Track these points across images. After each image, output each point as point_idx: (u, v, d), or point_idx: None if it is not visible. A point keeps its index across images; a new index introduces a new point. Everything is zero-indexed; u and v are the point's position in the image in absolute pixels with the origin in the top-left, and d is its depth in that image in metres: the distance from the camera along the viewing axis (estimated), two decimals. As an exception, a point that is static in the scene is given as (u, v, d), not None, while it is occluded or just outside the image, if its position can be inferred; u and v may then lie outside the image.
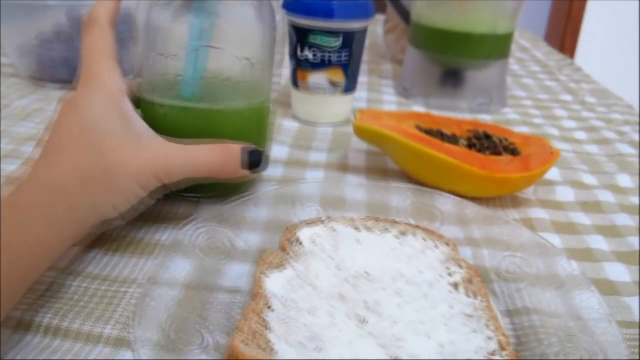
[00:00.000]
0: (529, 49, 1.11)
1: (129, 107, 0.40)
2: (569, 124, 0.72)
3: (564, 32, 2.00)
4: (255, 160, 0.41)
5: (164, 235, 0.43)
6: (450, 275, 0.37)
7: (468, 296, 0.35)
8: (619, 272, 0.42)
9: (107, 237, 0.42)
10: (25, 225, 0.33)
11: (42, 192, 0.35)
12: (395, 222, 0.42)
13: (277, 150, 0.57)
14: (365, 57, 0.95)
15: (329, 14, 0.58)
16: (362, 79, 0.81)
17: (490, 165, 0.48)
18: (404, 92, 0.76)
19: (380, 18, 1.15)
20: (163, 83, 0.43)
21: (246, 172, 0.41)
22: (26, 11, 0.70)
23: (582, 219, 0.49)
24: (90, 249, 0.40)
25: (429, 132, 0.52)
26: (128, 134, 0.39)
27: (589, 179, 0.56)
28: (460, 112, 0.71)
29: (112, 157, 0.37)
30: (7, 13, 0.70)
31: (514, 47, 1.09)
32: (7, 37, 0.73)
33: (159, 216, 0.45)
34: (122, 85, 0.41)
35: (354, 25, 0.59)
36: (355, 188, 0.46)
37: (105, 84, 0.40)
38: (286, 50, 0.64)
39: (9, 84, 0.73)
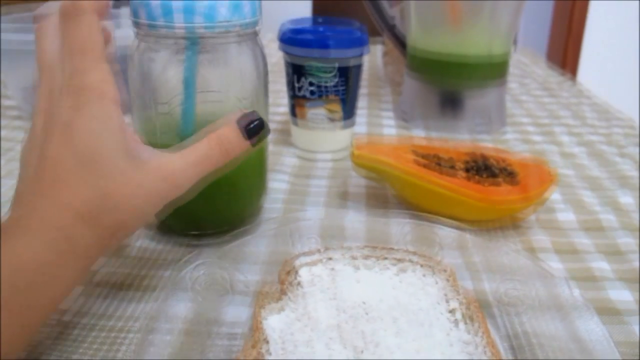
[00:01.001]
0: (529, 67, 1.11)
1: (124, 123, 0.35)
2: (570, 144, 0.72)
3: (565, 47, 2.00)
4: (255, 125, 0.39)
5: (165, 273, 0.43)
6: (447, 302, 0.37)
7: (465, 323, 0.36)
8: (620, 292, 0.42)
9: (108, 275, 0.42)
10: (26, 277, 0.30)
11: (42, 236, 0.31)
12: (392, 250, 0.43)
13: (277, 182, 0.58)
14: (364, 82, 0.96)
15: (324, 47, 0.58)
16: (362, 104, 0.82)
17: (489, 194, 0.48)
18: (404, 117, 0.76)
19: (379, 47, 1.16)
20: (158, 128, 0.44)
21: (251, 143, 0.39)
22: (30, 53, 0.71)
23: (583, 240, 0.49)
24: (90, 284, 0.41)
25: (425, 157, 0.52)
26: (129, 161, 0.34)
27: (590, 199, 0.56)
28: (460, 135, 0.72)
29: (117, 196, 0.33)
30: (12, 56, 0.72)
31: (513, 66, 1.10)
32: (11, 80, 0.75)
33: (160, 254, 0.45)
34: (117, 94, 0.35)
35: (350, 56, 0.60)
36: (355, 218, 0.47)
37: (102, 98, 0.34)
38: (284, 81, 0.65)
39: (13, 126, 0.75)
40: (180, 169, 0.36)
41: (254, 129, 0.39)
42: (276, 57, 1.11)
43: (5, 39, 0.69)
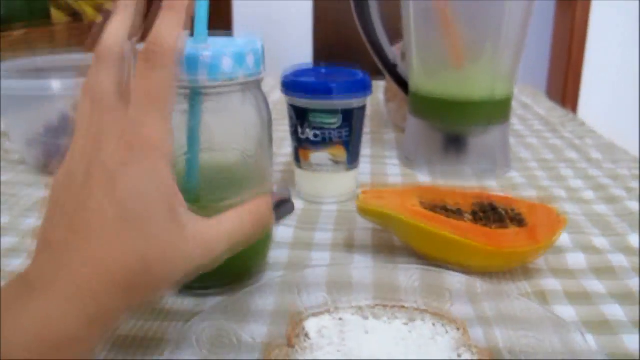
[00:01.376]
0: (531, 106, 1.11)
1: (173, 182, 0.33)
2: (576, 183, 0.71)
3: (564, 83, 2.01)
4: (286, 210, 0.39)
5: (170, 328, 0.42)
6: (459, 355, 0.36)
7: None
8: (633, 337, 0.41)
9: (114, 332, 0.41)
10: (50, 343, 0.28)
11: (73, 301, 0.29)
12: (403, 308, 0.42)
13: (282, 232, 0.57)
14: (367, 125, 0.96)
15: (327, 93, 0.58)
16: (365, 149, 0.82)
17: (497, 239, 0.47)
18: (408, 161, 0.76)
19: (380, 84, 1.16)
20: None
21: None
22: (33, 102, 0.72)
23: (595, 285, 0.48)
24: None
25: (432, 208, 0.52)
26: (172, 224, 0.32)
27: (600, 242, 0.56)
28: (465, 179, 0.71)
29: (156, 261, 0.31)
30: (14, 104, 0.72)
31: (515, 105, 1.10)
32: (14, 128, 0.75)
33: (169, 310, 0.45)
34: (170, 152, 0.33)
35: (353, 102, 0.60)
36: (362, 270, 0.46)
37: (153, 155, 0.32)
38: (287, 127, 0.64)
39: (16, 172, 0.74)
40: (215, 237, 0.34)
41: (285, 211, 0.39)
42: (277, 96, 1.11)
43: (7, 86, 0.69)
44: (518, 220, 0.51)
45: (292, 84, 0.60)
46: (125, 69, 0.35)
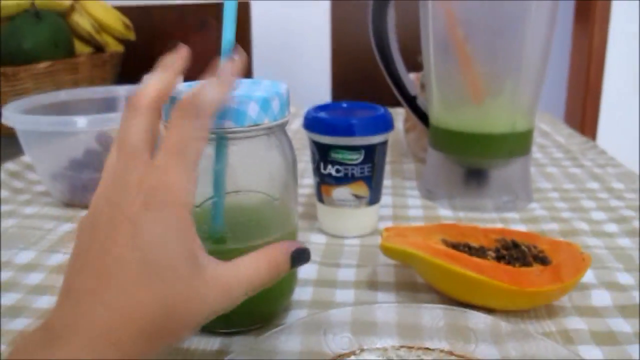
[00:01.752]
0: (550, 133, 1.11)
1: (193, 231, 0.34)
2: (598, 215, 0.71)
3: (583, 110, 2.00)
4: (303, 258, 0.39)
5: (198, 375, 0.42)
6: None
7: None
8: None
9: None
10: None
11: (98, 353, 0.29)
12: (428, 350, 0.42)
13: (306, 269, 0.57)
14: (387, 156, 0.96)
15: (349, 131, 0.59)
16: (386, 181, 0.82)
17: (520, 278, 0.47)
18: (428, 194, 0.76)
19: (399, 111, 1.17)
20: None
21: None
22: (57, 137, 0.73)
23: (622, 326, 0.48)
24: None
25: (456, 247, 0.52)
26: (193, 270, 0.33)
27: (625, 278, 0.55)
28: (487, 212, 0.71)
29: (179, 308, 0.32)
30: (39, 139, 0.74)
31: (534, 133, 1.10)
32: (39, 162, 0.76)
33: (194, 354, 0.45)
34: (192, 202, 0.34)
35: (375, 139, 0.60)
36: (386, 311, 0.46)
37: (175, 203, 0.32)
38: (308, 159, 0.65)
39: (41, 205, 0.76)
40: (234, 281, 0.35)
41: (301, 260, 0.39)
42: (295, 126, 1.12)
43: (33, 121, 0.70)
44: (541, 259, 0.51)
45: (313, 121, 0.61)
46: (157, 122, 0.36)
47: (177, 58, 0.38)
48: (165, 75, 0.37)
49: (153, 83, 0.36)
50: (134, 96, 0.36)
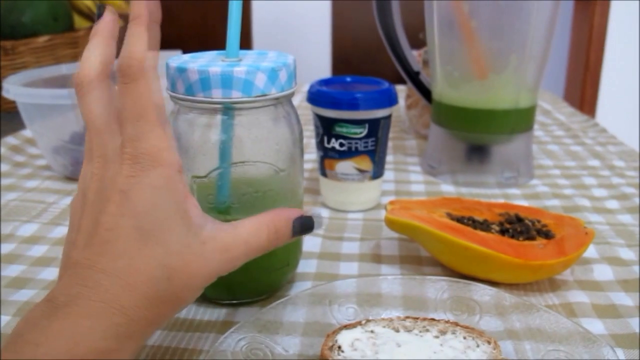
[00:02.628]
0: (551, 112, 1.11)
1: (186, 191, 0.34)
2: (600, 192, 0.71)
3: (582, 88, 2.00)
4: (306, 227, 0.38)
5: (205, 344, 0.43)
6: (494, 377, 0.36)
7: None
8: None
9: (147, 345, 0.42)
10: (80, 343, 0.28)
11: (104, 322, 0.30)
12: (434, 320, 0.42)
13: (310, 242, 0.57)
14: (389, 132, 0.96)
15: (353, 105, 0.59)
16: (387, 157, 0.82)
17: (524, 251, 0.47)
18: (431, 170, 0.76)
19: (401, 88, 1.17)
20: (195, 192, 0.44)
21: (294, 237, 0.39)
22: (58, 110, 0.73)
23: (623, 299, 0.48)
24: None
25: (460, 220, 0.52)
26: (190, 232, 0.33)
27: (627, 254, 0.56)
28: (489, 188, 0.72)
29: (180, 273, 0.32)
30: (40, 112, 0.73)
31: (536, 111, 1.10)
32: (41, 136, 0.76)
33: (199, 324, 0.45)
34: (177, 160, 0.34)
35: (379, 113, 0.60)
36: (391, 283, 0.46)
37: (160, 166, 0.33)
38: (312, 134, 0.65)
39: (43, 178, 0.76)
40: (232, 241, 0.35)
41: (303, 229, 0.38)
42: (296, 102, 1.12)
43: (34, 94, 0.70)
44: (545, 233, 0.51)
45: (317, 94, 0.61)
46: (111, 93, 0.35)
47: (105, 23, 0.37)
48: (96, 42, 0.36)
49: (87, 56, 0.35)
50: (79, 74, 0.35)
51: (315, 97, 0.61)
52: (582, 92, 2.00)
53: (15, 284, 0.51)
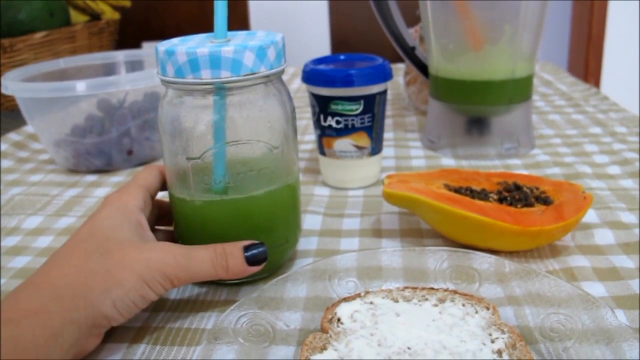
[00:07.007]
0: (552, 82, 1.10)
1: (142, 220, 0.43)
2: (601, 159, 0.71)
3: (586, 58, 1.98)
4: (258, 256, 0.43)
5: (208, 323, 0.43)
6: (492, 342, 0.37)
7: (514, 363, 0.35)
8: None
9: (150, 327, 0.43)
10: (22, 333, 0.33)
11: (36, 296, 0.36)
12: (432, 290, 0.42)
13: (310, 220, 0.58)
14: (389, 110, 0.96)
15: (348, 82, 0.59)
16: (388, 134, 0.82)
17: (523, 218, 0.47)
18: (431, 144, 0.76)
19: (400, 66, 1.16)
20: (190, 181, 0.44)
21: (254, 269, 0.43)
22: (59, 103, 0.73)
23: (624, 262, 0.48)
24: (134, 342, 0.41)
25: (458, 191, 0.52)
26: (135, 238, 0.41)
27: (628, 217, 0.55)
28: (489, 159, 0.71)
29: (116, 257, 0.39)
30: (41, 106, 0.74)
31: (536, 82, 1.09)
32: (42, 130, 0.76)
33: (203, 303, 0.46)
34: (140, 203, 0.44)
35: (374, 89, 0.60)
36: (391, 255, 0.47)
37: (123, 202, 0.43)
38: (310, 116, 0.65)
39: (46, 172, 0.76)
40: (183, 259, 0.40)
41: (257, 260, 0.43)
42: (296, 85, 1.12)
43: (33, 89, 0.70)
44: (543, 199, 0.51)
45: (312, 73, 0.61)
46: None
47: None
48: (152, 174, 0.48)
49: (147, 173, 0.48)
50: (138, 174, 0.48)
51: (310, 76, 0.61)
52: (586, 62, 1.99)
53: (22, 274, 0.51)
